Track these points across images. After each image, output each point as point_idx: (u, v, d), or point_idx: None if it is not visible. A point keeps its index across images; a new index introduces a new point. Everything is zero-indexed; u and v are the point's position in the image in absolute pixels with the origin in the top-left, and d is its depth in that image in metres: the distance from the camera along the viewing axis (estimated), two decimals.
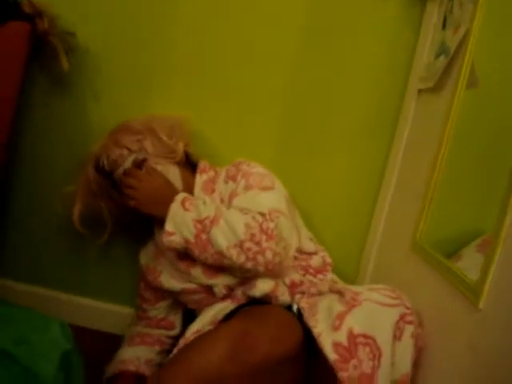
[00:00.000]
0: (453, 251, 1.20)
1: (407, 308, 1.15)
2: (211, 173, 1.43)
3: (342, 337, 1.08)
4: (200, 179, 1.41)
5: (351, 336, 1.08)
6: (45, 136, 1.62)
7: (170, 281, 1.40)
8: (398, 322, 1.11)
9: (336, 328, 1.10)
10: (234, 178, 1.34)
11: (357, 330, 1.09)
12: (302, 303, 1.26)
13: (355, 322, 1.10)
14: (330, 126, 1.62)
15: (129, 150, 1.37)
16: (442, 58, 1.33)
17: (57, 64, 1.42)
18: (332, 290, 1.29)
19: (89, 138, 1.54)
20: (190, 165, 1.46)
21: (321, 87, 1.61)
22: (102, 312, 1.72)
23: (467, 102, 1.20)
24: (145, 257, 1.50)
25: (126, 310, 1.68)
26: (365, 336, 1.08)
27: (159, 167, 1.37)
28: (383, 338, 1.09)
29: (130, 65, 1.57)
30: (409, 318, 1.13)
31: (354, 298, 1.15)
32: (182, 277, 1.37)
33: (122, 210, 1.42)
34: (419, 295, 1.22)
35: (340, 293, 1.23)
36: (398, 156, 1.53)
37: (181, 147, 1.42)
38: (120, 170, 1.36)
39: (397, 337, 1.10)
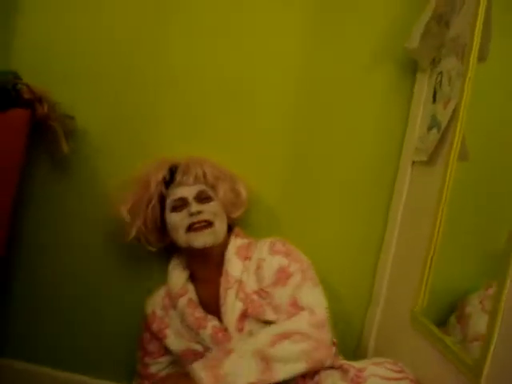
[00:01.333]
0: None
1: (412, 381, 1.14)
2: (245, 240, 1.43)
3: None
4: (234, 243, 1.42)
5: None
6: (46, 220, 1.64)
7: (174, 337, 1.39)
8: None
9: None
10: (286, 254, 1.35)
11: None
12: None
13: None
14: (325, 196, 1.63)
15: (205, 178, 1.39)
16: (434, 130, 1.35)
17: (57, 147, 1.45)
18: (334, 366, 1.26)
19: (89, 220, 1.58)
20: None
21: (314, 160, 1.63)
22: None
23: (460, 174, 1.22)
24: (152, 306, 1.46)
25: None
26: None
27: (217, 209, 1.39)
28: None
29: (127, 143, 1.61)
30: None
31: (358, 376, 1.13)
32: (189, 336, 1.36)
33: (151, 229, 1.43)
34: (421, 370, 1.19)
35: (342, 369, 1.20)
36: (394, 228, 1.53)
37: (243, 208, 1.47)
38: (184, 191, 1.37)
39: None
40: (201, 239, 1.35)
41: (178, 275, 1.44)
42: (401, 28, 1.52)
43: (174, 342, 1.40)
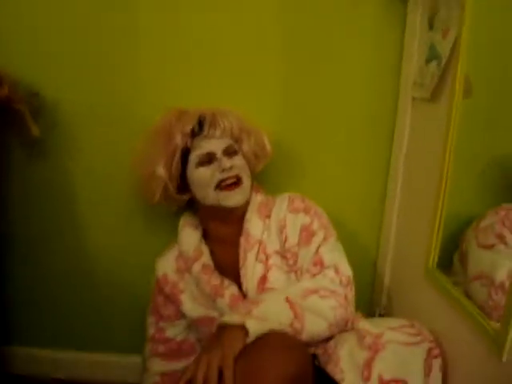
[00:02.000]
0: None
1: (431, 342, 1.13)
2: (263, 196, 1.37)
3: None
4: (255, 200, 1.35)
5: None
6: (27, 199, 1.56)
7: (190, 303, 1.33)
8: (426, 359, 1.10)
9: (366, 379, 1.06)
10: (306, 211, 1.30)
11: (387, 376, 1.06)
12: (320, 350, 1.20)
13: (384, 368, 1.07)
14: (323, 142, 1.54)
15: (231, 131, 1.31)
16: (433, 63, 1.24)
17: (27, 130, 1.34)
18: (351, 329, 1.22)
19: (71, 195, 1.50)
20: None
21: (310, 103, 1.52)
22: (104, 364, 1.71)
23: (466, 110, 1.12)
24: (163, 268, 1.38)
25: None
26: (396, 381, 1.06)
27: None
28: (415, 379, 1.07)
29: (101, 114, 1.49)
30: (435, 352, 1.12)
31: (376, 342, 1.11)
32: (206, 302, 1.31)
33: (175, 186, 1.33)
34: (438, 326, 1.17)
35: (358, 334, 1.17)
36: (398, 170, 1.46)
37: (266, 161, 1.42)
38: (212, 146, 1.28)
39: (426, 373, 1.08)
40: (233, 198, 1.27)
41: (189, 235, 1.36)
42: None
43: (191, 308, 1.33)
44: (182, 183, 1.33)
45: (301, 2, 1.45)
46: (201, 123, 1.30)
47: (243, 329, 1.05)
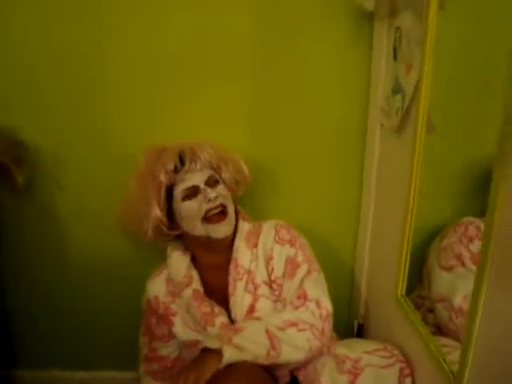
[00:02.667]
0: None
1: (402, 362, 1.23)
2: (250, 224, 1.41)
3: None
4: (242, 228, 1.39)
5: None
6: (19, 239, 1.62)
7: (181, 327, 1.38)
8: (399, 378, 1.21)
9: None
10: (291, 243, 1.35)
11: None
12: (301, 375, 1.28)
13: None
14: (298, 163, 1.59)
15: (210, 162, 1.36)
16: (398, 97, 1.28)
17: (11, 180, 1.38)
18: (329, 354, 1.29)
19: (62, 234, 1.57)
20: None
21: (279, 125, 1.56)
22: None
23: (429, 145, 1.18)
24: (154, 291, 1.41)
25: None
26: None
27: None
28: None
29: (82, 153, 1.53)
30: (406, 372, 1.23)
31: (355, 367, 1.21)
32: (196, 327, 1.36)
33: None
34: (406, 345, 1.27)
35: (337, 359, 1.25)
36: (371, 190, 1.51)
37: (246, 185, 1.46)
38: (195, 179, 1.32)
39: None
40: (221, 231, 1.32)
41: (179, 260, 1.40)
42: None
43: (182, 331, 1.39)
44: (169, 218, 1.37)
45: (273, 23, 1.47)
46: (181, 158, 1.34)
47: (221, 354, 1.15)
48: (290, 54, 1.49)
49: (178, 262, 1.40)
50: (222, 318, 1.34)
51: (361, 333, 1.65)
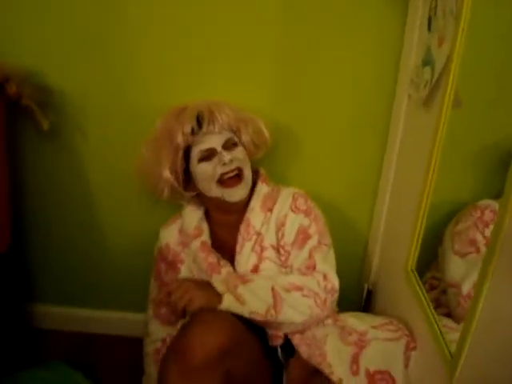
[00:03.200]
0: None
1: (408, 336, 1.26)
2: (269, 187, 1.43)
3: (362, 381, 1.19)
4: (261, 189, 1.42)
5: (369, 376, 1.20)
6: (41, 185, 1.67)
7: (187, 275, 1.44)
8: (405, 352, 1.23)
9: (355, 373, 1.21)
10: (307, 213, 1.37)
11: (372, 369, 1.20)
12: (296, 340, 1.32)
13: (370, 362, 1.21)
14: (321, 130, 1.58)
15: (229, 124, 1.36)
16: (428, 69, 1.25)
17: (37, 124, 1.40)
18: (335, 322, 1.34)
19: (83, 180, 1.61)
20: None
21: (308, 89, 1.54)
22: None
23: (456, 120, 1.16)
24: (166, 238, 1.47)
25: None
26: (381, 372, 1.20)
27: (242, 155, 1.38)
28: (396, 369, 1.22)
29: (109, 98, 1.55)
30: (412, 345, 1.25)
31: (361, 339, 1.24)
32: (200, 275, 1.40)
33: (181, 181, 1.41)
34: (411, 321, 1.30)
35: (344, 329, 1.29)
36: (391, 166, 1.51)
37: (266, 147, 1.46)
38: (212, 141, 1.34)
39: (405, 364, 1.23)
40: (237, 194, 1.35)
41: (192, 213, 1.44)
42: None
43: (188, 276, 1.43)
44: (187, 178, 1.40)
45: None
46: (199, 120, 1.34)
47: (221, 298, 1.21)
48: (320, 15, 1.46)
49: (192, 214, 1.45)
50: (227, 269, 1.38)
51: (369, 298, 1.69)
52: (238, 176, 1.35)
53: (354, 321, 1.30)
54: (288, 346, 1.34)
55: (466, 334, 0.93)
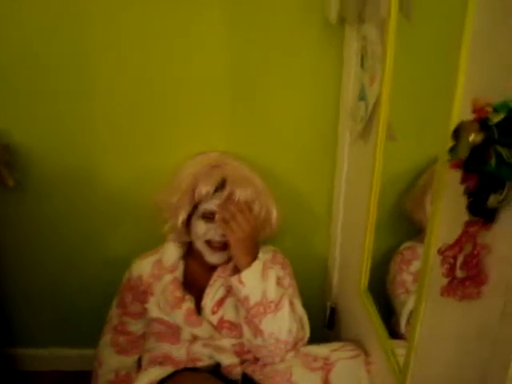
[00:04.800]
0: None
1: (366, 353, 1.37)
2: None
3: None
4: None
5: None
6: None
7: (154, 306, 1.49)
8: (365, 366, 1.34)
9: None
10: (283, 267, 1.48)
11: None
12: (256, 375, 1.38)
13: (339, 381, 1.31)
14: (273, 159, 1.66)
15: (247, 198, 1.40)
16: (362, 104, 1.36)
17: (2, 182, 1.48)
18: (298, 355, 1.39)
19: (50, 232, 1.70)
20: None
21: (258, 123, 1.63)
22: None
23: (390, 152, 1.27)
24: (139, 270, 1.51)
25: None
26: None
27: None
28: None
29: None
30: (368, 360, 1.36)
31: (326, 363, 1.33)
32: (165, 307, 1.46)
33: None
34: (366, 338, 1.40)
35: (306, 358, 1.36)
36: (340, 193, 1.61)
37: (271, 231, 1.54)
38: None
39: (368, 378, 1.33)
40: (216, 259, 1.45)
41: (174, 249, 1.50)
42: None
43: (153, 308, 1.48)
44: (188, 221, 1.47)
45: (246, 31, 1.51)
46: (222, 183, 1.41)
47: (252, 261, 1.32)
48: (263, 60, 1.55)
49: (173, 250, 1.50)
50: (189, 304, 1.44)
51: (333, 316, 1.78)
52: (225, 246, 1.41)
53: (314, 348, 1.38)
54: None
55: (410, 348, 1.03)
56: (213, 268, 1.49)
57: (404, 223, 1.37)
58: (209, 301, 1.46)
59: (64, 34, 1.48)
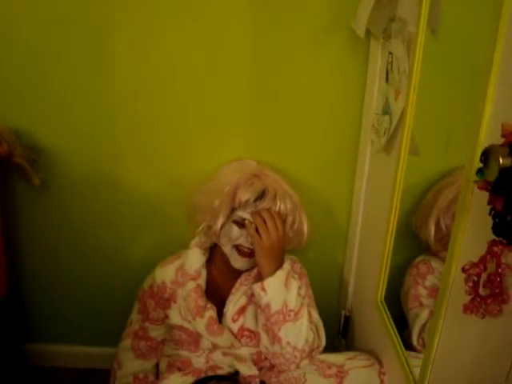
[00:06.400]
0: None
1: (379, 363, 1.39)
2: None
3: None
4: None
5: None
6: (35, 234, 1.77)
7: (175, 313, 1.51)
8: (379, 375, 1.35)
9: None
10: (300, 277, 1.51)
11: None
12: (273, 382, 1.42)
13: None
14: (292, 170, 1.67)
15: (280, 214, 1.42)
16: (387, 118, 1.38)
17: (28, 181, 1.52)
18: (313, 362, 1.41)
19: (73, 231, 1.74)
20: None
21: (280, 130, 1.65)
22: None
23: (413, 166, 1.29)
24: (163, 276, 1.52)
25: None
26: None
27: None
28: None
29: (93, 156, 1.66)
30: (382, 370, 1.37)
31: (340, 371, 1.35)
32: (186, 314, 1.48)
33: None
34: (381, 349, 1.41)
35: (321, 365, 1.38)
36: (358, 214, 1.64)
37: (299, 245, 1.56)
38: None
39: None
40: (242, 264, 1.47)
41: (196, 256, 1.51)
42: None
43: (175, 315, 1.51)
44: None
45: (272, 40, 1.54)
46: (262, 193, 1.42)
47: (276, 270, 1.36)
48: (287, 68, 1.57)
49: (196, 257, 1.52)
50: (211, 313, 1.46)
51: (347, 324, 1.80)
52: (253, 253, 1.43)
53: (329, 356, 1.41)
54: None
55: (427, 362, 1.04)
56: (234, 275, 1.51)
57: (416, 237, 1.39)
58: (230, 308, 1.48)
59: (91, 43, 1.52)
